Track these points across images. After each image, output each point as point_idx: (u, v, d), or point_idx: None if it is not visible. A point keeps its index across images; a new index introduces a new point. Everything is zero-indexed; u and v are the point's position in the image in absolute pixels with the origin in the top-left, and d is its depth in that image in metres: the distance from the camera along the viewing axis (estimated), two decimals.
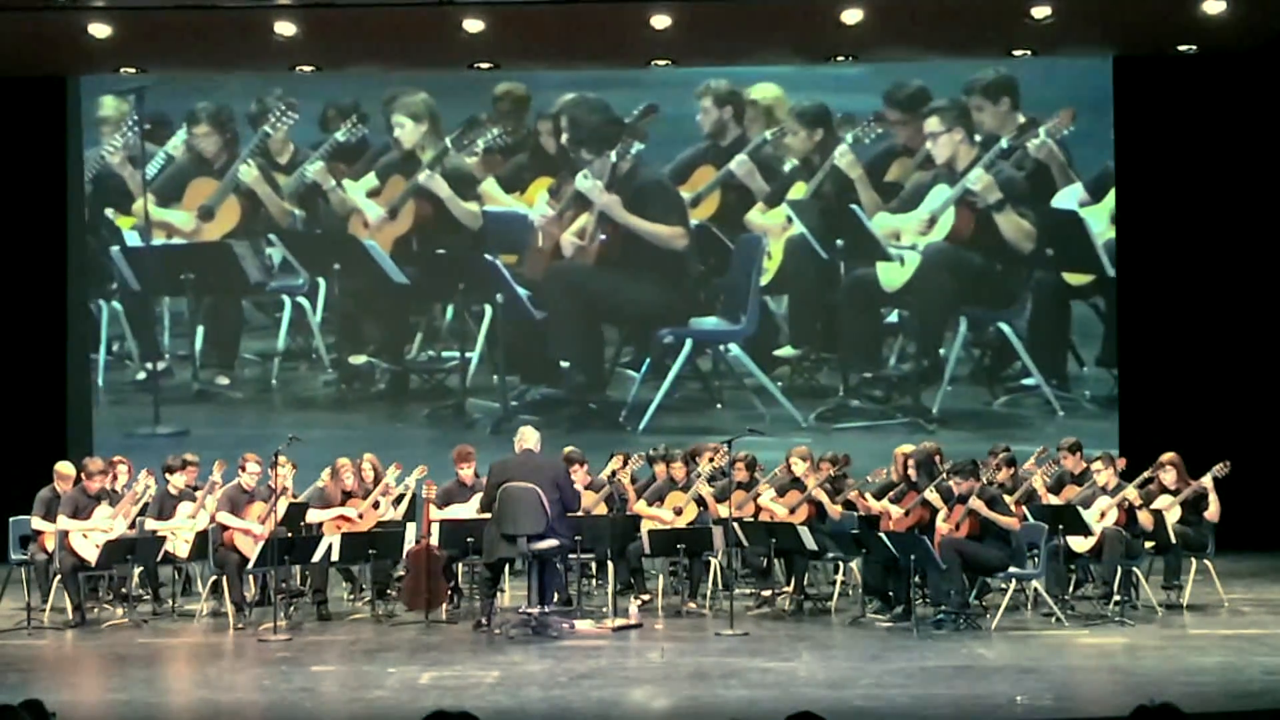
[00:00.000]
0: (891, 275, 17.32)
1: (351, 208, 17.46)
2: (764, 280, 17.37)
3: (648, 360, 17.42)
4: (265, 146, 17.42)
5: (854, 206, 17.24)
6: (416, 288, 17.52)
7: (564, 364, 17.50)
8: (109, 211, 17.44)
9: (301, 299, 17.49)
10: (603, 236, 17.36)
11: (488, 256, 17.40)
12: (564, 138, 17.40)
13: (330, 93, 17.31)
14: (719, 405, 17.40)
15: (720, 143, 17.36)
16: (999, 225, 17.15)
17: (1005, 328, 17.23)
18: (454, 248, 17.47)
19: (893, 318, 17.44)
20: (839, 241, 17.31)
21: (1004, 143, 17.12)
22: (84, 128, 17.30)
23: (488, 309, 17.43)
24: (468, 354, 17.49)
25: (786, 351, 17.47)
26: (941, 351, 17.30)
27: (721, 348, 17.50)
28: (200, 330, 17.55)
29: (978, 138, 17.17)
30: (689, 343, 17.40)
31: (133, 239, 17.44)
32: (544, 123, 17.40)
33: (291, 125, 17.38)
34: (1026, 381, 17.15)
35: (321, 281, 17.48)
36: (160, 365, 17.51)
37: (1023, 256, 17.14)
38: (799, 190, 17.37)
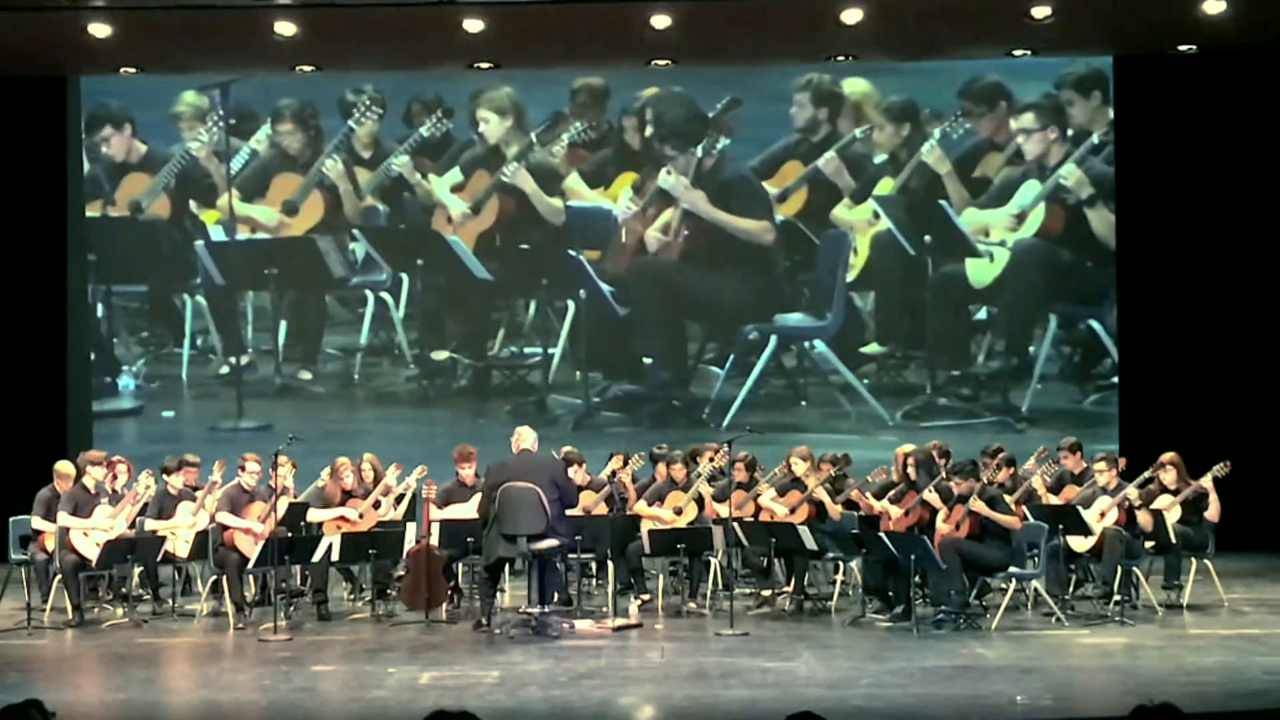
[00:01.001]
0: (980, 271, 17.21)
1: (435, 203, 17.43)
2: (850, 276, 17.26)
3: (732, 357, 17.32)
4: (349, 142, 17.40)
5: (942, 202, 17.13)
6: (499, 283, 17.47)
7: (647, 360, 17.43)
8: (193, 205, 17.43)
9: (384, 294, 17.46)
10: (687, 232, 17.26)
11: (571, 252, 17.35)
12: (648, 132, 17.31)
13: (415, 88, 17.25)
14: (804, 402, 17.30)
15: (811, 138, 17.24)
16: (1090, 221, 17.00)
17: (1096, 325, 17.09)
18: (537, 243, 17.42)
19: (981, 315, 17.30)
20: (926, 237, 17.22)
21: (1095, 138, 16.98)
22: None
23: (570, 305, 17.40)
24: (550, 350, 17.47)
25: (873, 348, 17.36)
26: (1031, 349, 17.16)
27: (806, 344, 17.37)
28: (283, 325, 17.54)
29: (1069, 132, 17.04)
30: (774, 339, 17.29)
31: (217, 233, 17.44)
32: (628, 118, 17.33)
33: (376, 120, 17.36)
34: (1118, 379, 17.02)
35: (404, 277, 17.44)
36: (243, 359, 17.50)
37: (1113, 252, 16.96)
38: (886, 186, 17.26)
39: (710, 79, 17.07)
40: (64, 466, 13.01)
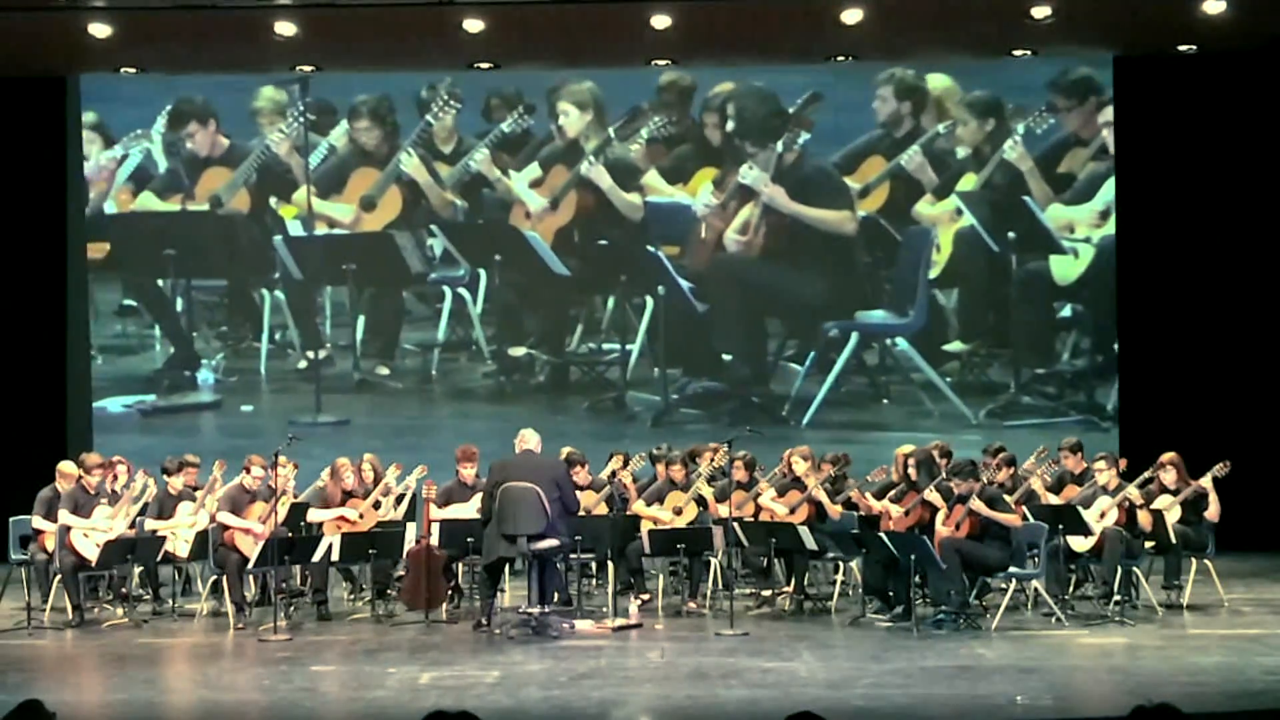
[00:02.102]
0: (1065, 268, 17.10)
1: (514, 198, 17.39)
2: (933, 273, 17.17)
3: (812, 354, 17.24)
4: (428, 137, 17.36)
5: (1026, 198, 17.04)
6: (577, 279, 17.43)
7: (726, 357, 17.37)
8: (273, 201, 17.44)
9: (462, 290, 17.44)
10: (767, 228, 17.15)
11: (650, 248, 17.31)
12: (729, 127, 17.25)
13: (493, 83, 17.16)
14: (885, 400, 17.22)
15: (894, 133, 17.16)
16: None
17: None
18: (616, 239, 17.37)
19: (1066, 312, 17.19)
20: (1010, 234, 17.11)
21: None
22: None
23: (649, 301, 17.34)
24: (628, 346, 17.41)
25: (956, 346, 17.26)
26: (1116, 347, 17.02)
27: (889, 341, 17.29)
28: (361, 320, 17.55)
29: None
30: (855, 336, 17.21)
31: (295, 229, 17.45)
32: (709, 114, 17.26)
33: (455, 115, 17.31)
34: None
35: (482, 272, 17.41)
36: (321, 354, 17.51)
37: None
38: (969, 181, 17.15)
39: (792, 74, 16.87)
40: (67, 466, 13.00)
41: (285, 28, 14.66)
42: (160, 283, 17.51)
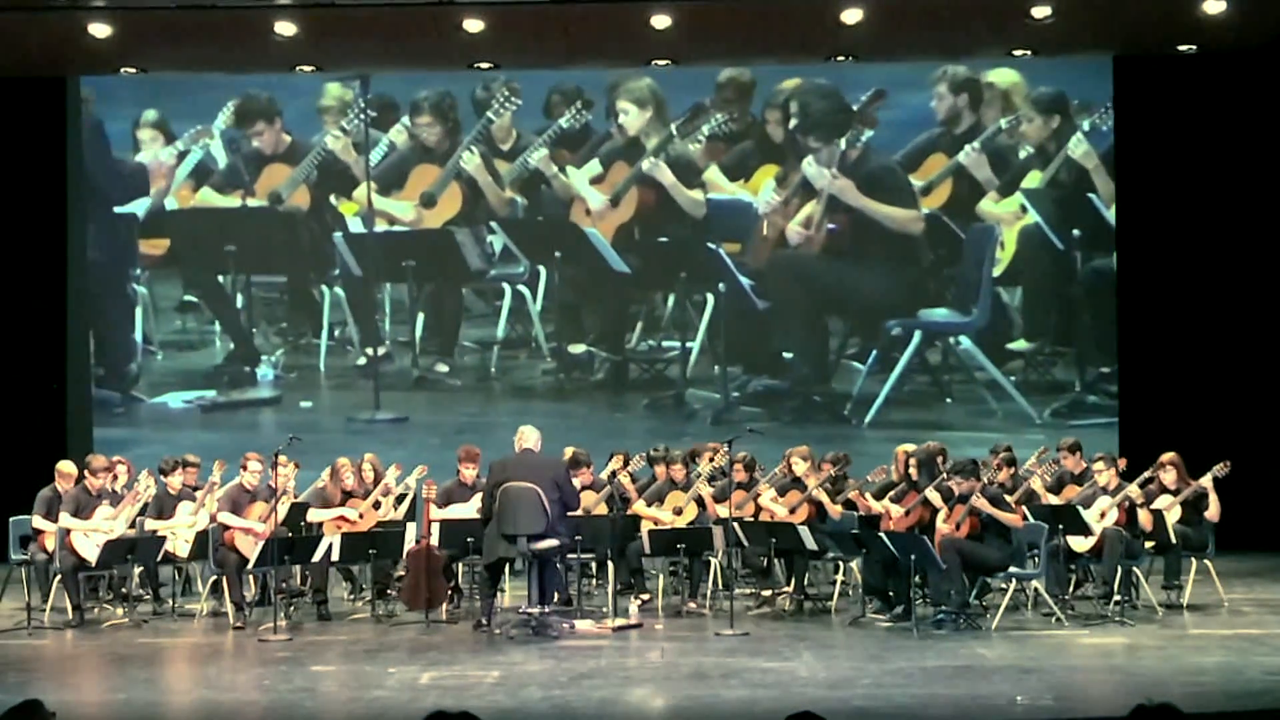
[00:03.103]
0: None
1: (573, 195, 17.38)
2: (997, 271, 17.11)
3: (874, 352, 17.19)
4: (488, 134, 17.35)
5: (1091, 195, 16.98)
6: (637, 276, 17.42)
7: (787, 355, 17.33)
8: (332, 198, 17.45)
9: (522, 287, 17.44)
10: (830, 225, 17.14)
11: (710, 245, 17.28)
12: (791, 124, 17.20)
13: (553, 80, 17.16)
14: (948, 400, 17.17)
15: (954, 130, 17.11)
16: None
17: None
18: (676, 236, 17.36)
19: None
20: (1075, 231, 17.05)
21: None
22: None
23: (709, 298, 17.32)
24: (688, 344, 17.39)
25: (1020, 345, 17.20)
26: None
27: (952, 340, 17.21)
28: (420, 317, 17.55)
29: None
30: (918, 334, 17.14)
31: (355, 225, 17.45)
32: (771, 111, 17.23)
33: (514, 112, 17.30)
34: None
35: (542, 269, 17.42)
36: (380, 351, 17.51)
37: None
38: (1034, 179, 17.09)
39: (855, 71, 16.81)
40: (66, 466, 13.01)
41: (285, 28, 14.67)
42: (220, 279, 17.55)
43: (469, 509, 12.66)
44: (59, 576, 12.44)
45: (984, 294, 17.10)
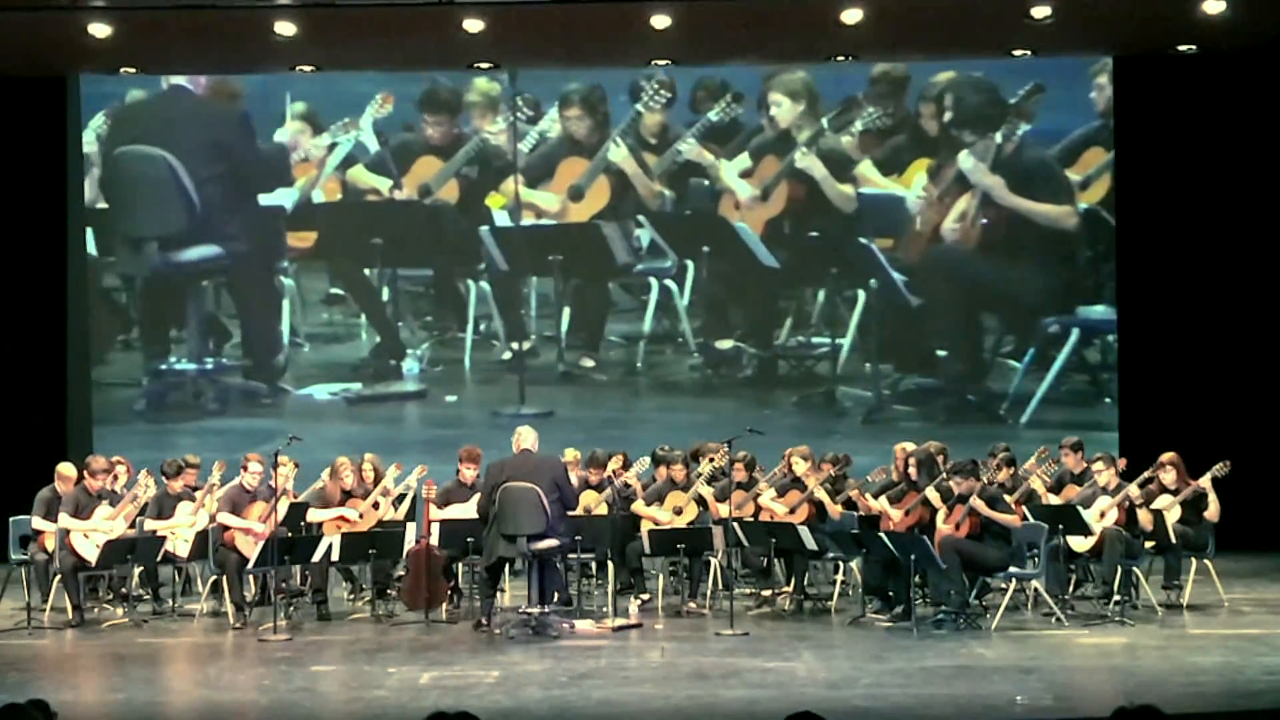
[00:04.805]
0: None
1: (723, 188, 17.25)
2: None
3: (1031, 350, 16.97)
4: (636, 127, 17.25)
5: None
6: (787, 271, 17.22)
7: (941, 352, 17.14)
8: (481, 191, 17.36)
9: (669, 281, 17.30)
10: (985, 220, 16.97)
11: (862, 240, 17.10)
12: (946, 118, 17.04)
13: (701, 74, 17.04)
14: (1107, 400, 16.92)
15: (1111, 124, 16.87)
16: None
17: None
18: (827, 230, 17.17)
19: None
20: None
21: None
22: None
23: (861, 294, 17.13)
24: (839, 340, 17.20)
25: None
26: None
27: (1111, 338, 16.97)
28: (566, 311, 17.44)
29: None
30: (1076, 332, 16.91)
31: (502, 219, 17.38)
32: (925, 104, 17.06)
33: (663, 105, 17.20)
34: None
35: (690, 264, 17.27)
36: (526, 345, 17.44)
37: None
38: None
39: (1009, 64, 16.55)
40: (65, 468, 13.01)
41: (285, 28, 14.66)
42: (367, 272, 17.52)
43: (469, 509, 12.66)
44: (59, 576, 12.44)
45: None
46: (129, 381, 17.41)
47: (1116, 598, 12.03)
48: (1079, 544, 12.25)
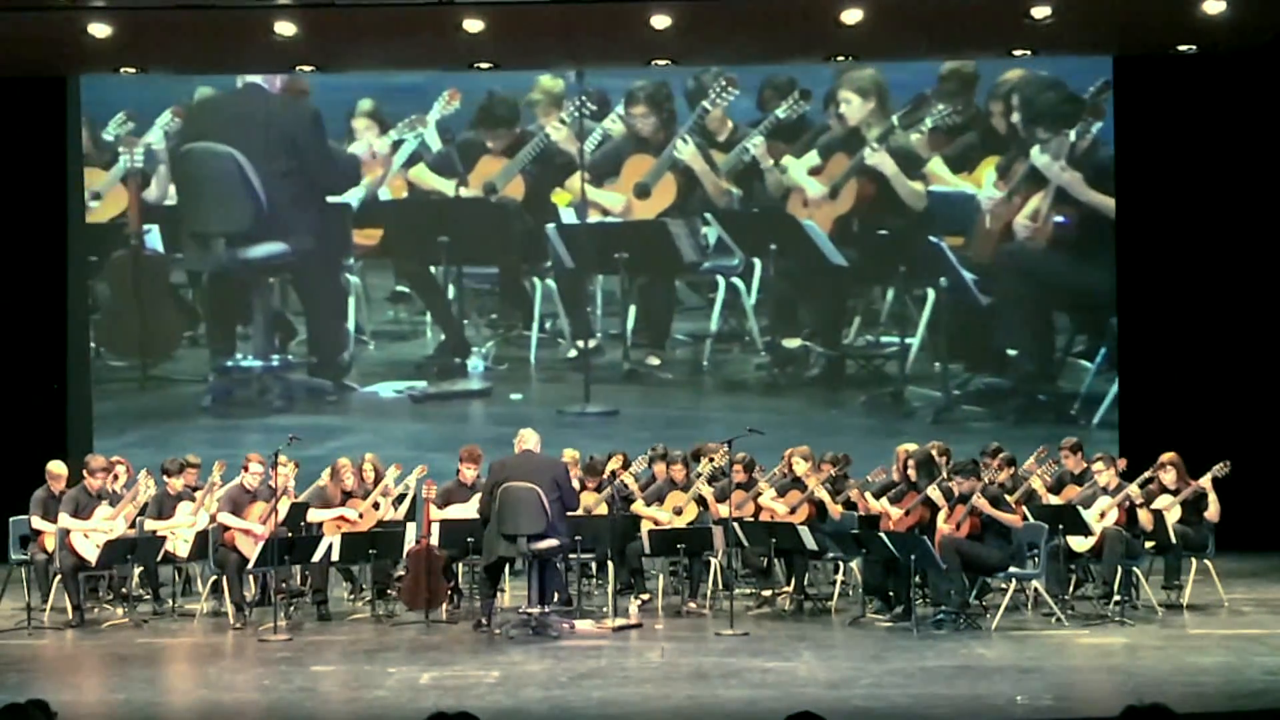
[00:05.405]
0: None
1: (790, 186, 17.17)
2: None
3: (1103, 350, 16.89)
4: (703, 124, 17.19)
5: None
6: (855, 269, 17.15)
7: (1011, 352, 17.04)
8: (546, 188, 17.34)
9: (736, 279, 17.21)
10: (1058, 218, 16.88)
11: (932, 238, 17.02)
12: (1015, 116, 16.96)
13: (768, 71, 16.95)
14: None
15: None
16: None
17: None
18: (896, 228, 17.06)
19: None
20: None
21: None
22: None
23: (930, 293, 17.04)
24: (908, 339, 17.11)
25: None
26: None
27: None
28: (632, 309, 17.39)
29: None
30: None
31: (568, 216, 17.34)
32: (994, 102, 16.98)
33: (730, 103, 17.15)
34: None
35: (757, 262, 17.18)
36: (591, 343, 17.40)
37: None
38: None
39: (1078, 62, 16.57)
40: (56, 467, 13.00)
41: (285, 28, 14.66)
42: (432, 269, 17.51)
43: (469, 509, 12.66)
44: (59, 576, 12.44)
45: None
46: (195, 378, 17.45)
47: (1117, 598, 12.04)
48: (1079, 544, 12.26)
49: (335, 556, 12.53)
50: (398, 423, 17.07)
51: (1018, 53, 16.20)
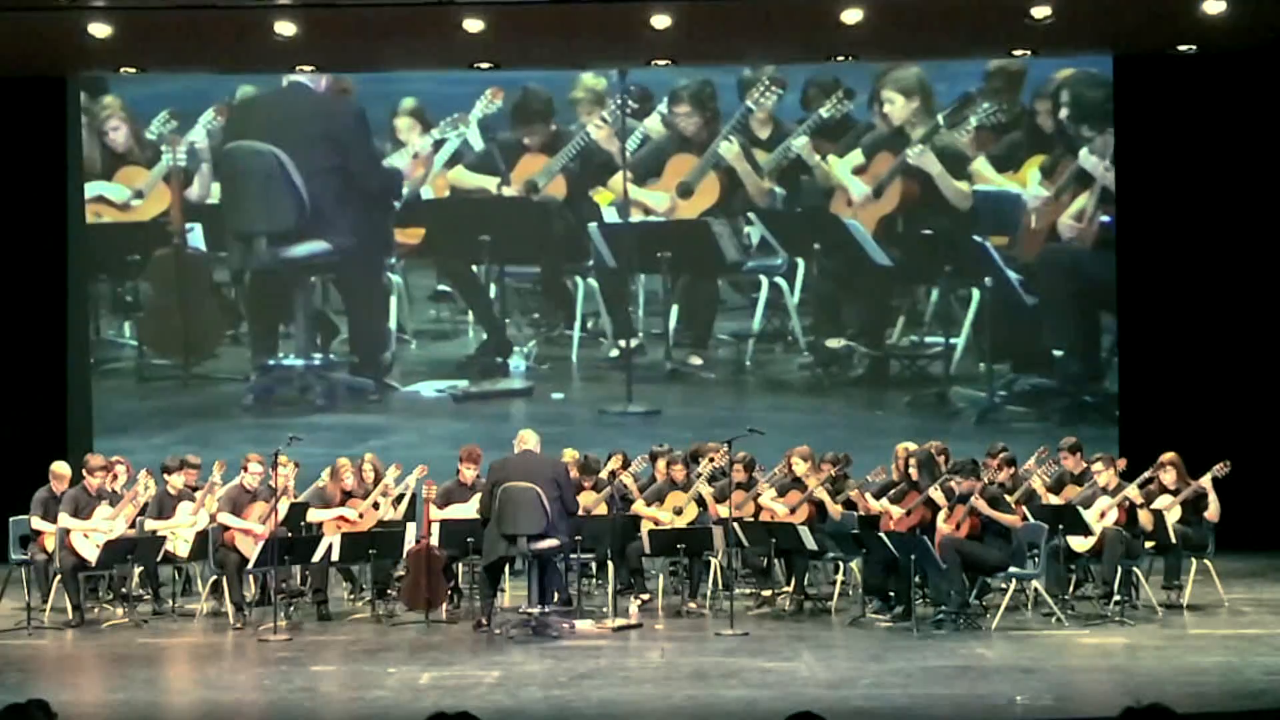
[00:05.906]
0: None
1: (834, 185, 17.10)
2: None
3: None
4: (746, 123, 17.12)
5: None
6: (900, 269, 17.03)
7: (1057, 352, 16.96)
8: (588, 187, 17.28)
9: (779, 279, 17.15)
10: (1104, 218, 16.78)
11: (977, 238, 16.94)
12: (1063, 114, 16.86)
13: (811, 70, 16.90)
14: None
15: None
16: None
17: None
18: (940, 228, 16.97)
19: None
20: None
21: None
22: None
23: (975, 293, 16.95)
24: (952, 340, 17.01)
25: None
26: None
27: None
28: (674, 309, 17.34)
29: None
30: None
31: (610, 215, 17.28)
32: (1041, 101, 16.90)
33: (774, 102, 17.08)
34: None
35: (800, 261, 17.12)
36: (633, 343, 17.35)
37: None
38: None
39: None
40: (59, 467, 13.00)
41: (285, 28, 14.65)
42: (474, 268, 17.48)
43: (469, 509, 12.66)
44: (59, 576, 12.44)
45: None
46: (237, 376, 17.45)
47: (1117, 598, 12.03)
48: (1079, 544, 12.25)
49: (335, 556, 12.53)
50: (439, 422, 17.02)
51: (1018, 53, 16.20)
